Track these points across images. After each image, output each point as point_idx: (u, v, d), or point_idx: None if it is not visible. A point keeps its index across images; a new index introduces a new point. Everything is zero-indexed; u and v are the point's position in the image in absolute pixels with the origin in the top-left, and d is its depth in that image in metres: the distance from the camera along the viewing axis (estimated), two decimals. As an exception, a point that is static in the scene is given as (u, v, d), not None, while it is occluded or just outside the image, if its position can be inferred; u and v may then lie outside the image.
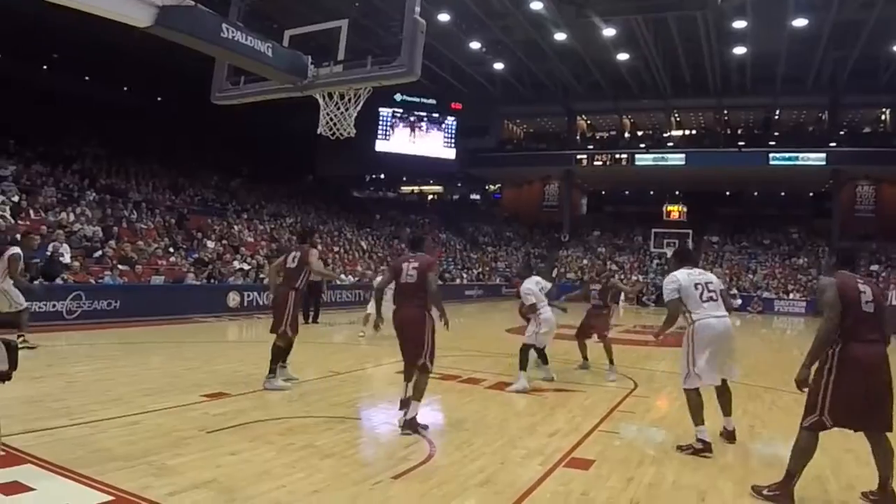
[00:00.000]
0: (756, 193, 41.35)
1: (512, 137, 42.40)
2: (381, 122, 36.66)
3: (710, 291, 5.68)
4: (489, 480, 4.54)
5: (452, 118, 37.99)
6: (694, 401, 5.53)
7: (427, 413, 6.93)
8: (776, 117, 37.30)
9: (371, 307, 13.18)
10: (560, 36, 27.15)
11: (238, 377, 7.88)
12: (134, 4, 4.30)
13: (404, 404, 6.04)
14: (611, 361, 9.27)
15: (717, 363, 5.57)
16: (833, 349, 4.23)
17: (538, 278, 8.73)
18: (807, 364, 4.31)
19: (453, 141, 38.13)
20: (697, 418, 5.51)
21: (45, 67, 27.40)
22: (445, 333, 6.47)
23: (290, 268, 7.71)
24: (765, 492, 4.37)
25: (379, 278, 13.43)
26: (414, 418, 5.73)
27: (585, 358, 9.95)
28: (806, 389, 4.35)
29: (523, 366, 7.97)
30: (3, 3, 18.64)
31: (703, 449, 5.38)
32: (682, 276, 5.74)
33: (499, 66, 32.35)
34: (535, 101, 36.81)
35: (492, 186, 47.27)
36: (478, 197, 48.07)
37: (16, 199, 17.46)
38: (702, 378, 5.50)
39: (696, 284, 5.69)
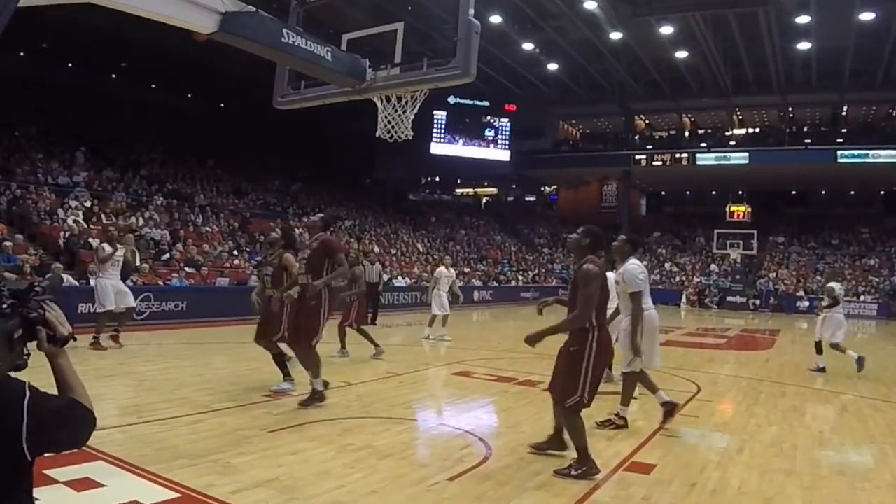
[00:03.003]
0: (824, 192, 39.91)
1: (568, 138, 41.95)
2: (435, 125, 36.81)
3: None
4: (546, 483, 4.50)
5: (506, 120, 37.76)
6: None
7: (483, 415, 6.94)
8: (844, 113, 35.91)
9: (439, 308, 13.15)
10: (616, 35, 26.70)
11: (299, 378, 7.99)
12: (199, 11, 4.42)
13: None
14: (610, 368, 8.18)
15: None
16: (590, 337, 4.62)
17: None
18: (546, 333, 4.73)
19: (508, 142, 37.97)
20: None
21: (113, 76, 28.40)
22: (501, 336, 6.45)
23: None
24: (576, 472, 4.58)
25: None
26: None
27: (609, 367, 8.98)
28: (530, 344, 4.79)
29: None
30: (74, 16, 19.43)
31: (623, 425, 6.06)
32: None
33: (553, 66, 31.99)
34: (591, 102, 36.29)
35: (547, 188, 46.87)
36: (533, 198, 47.72)
37: (88, 204, 18.20)
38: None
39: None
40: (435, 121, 36.51)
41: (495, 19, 25.01)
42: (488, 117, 37.43)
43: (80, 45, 23.47)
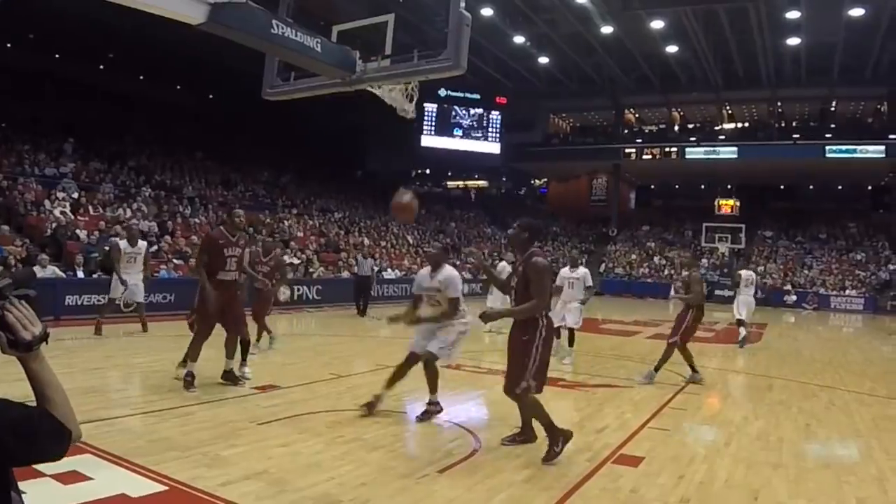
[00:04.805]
0: (812, 187, 40.15)
1: (558, 132, 41.97)
2: (426, 118, 36.67)
3: None
4: (535, 476, 4.52)
5: (497, 113, 37.68)
6: None
7: (472, 408, 6.96)
8: (833, 109, 36.10)
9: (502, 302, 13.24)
10: (607, 29, 26.71)
11: (288, 370, 8.00)
12: (187, 2, 4.38)
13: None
14: (657, 368, 8.30)
15: None
16: (540, 325, 4.82)
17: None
18: (503, 314, 5.22)
19: (498, 135, 37.90)
20: None
21: (101, 67, 28.10)
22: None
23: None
24: (557, 448, 4.80)
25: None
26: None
27: (694, 369, 8.51)
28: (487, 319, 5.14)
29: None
30: (60, 5, 19.24)
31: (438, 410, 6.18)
32: None
33: (544, 60, 32.01)
34: (582, 95, 36.27)
35: (537, 181, 46.88)
36: (523, 191, 47.72)
37: (76, 195, 18.04)
38: None
39: None
40: (425, 113, 36.41)
41: (486, 12, 24.98)
42: (478, 109, 37.37)
43: (68, 35, 23.24)
